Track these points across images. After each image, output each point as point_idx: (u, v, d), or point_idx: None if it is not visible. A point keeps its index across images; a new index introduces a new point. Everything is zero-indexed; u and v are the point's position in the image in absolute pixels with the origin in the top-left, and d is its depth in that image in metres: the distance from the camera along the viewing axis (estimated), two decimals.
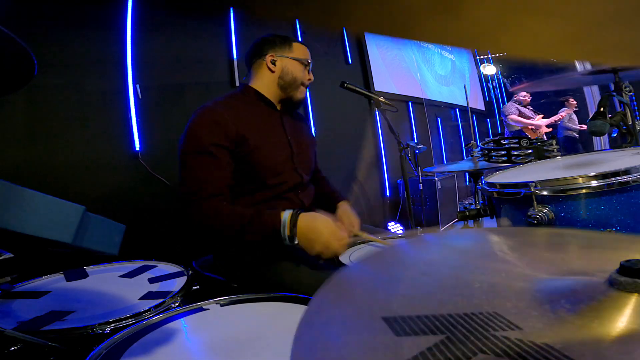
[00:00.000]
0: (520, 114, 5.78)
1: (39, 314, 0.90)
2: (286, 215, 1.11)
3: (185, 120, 1.27)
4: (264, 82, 1.38)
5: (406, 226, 3.62)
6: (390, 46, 4.55)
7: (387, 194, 4.04)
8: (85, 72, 1.80)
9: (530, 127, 5.75)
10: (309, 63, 1.42)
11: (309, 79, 1.44)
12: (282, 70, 1.37)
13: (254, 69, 1.39)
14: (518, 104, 5.86)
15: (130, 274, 1.18)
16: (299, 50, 1.41)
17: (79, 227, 0.53)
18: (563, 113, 6.06)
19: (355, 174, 3.60)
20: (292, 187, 1.36)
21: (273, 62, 1.36)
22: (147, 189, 1.94)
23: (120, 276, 1.17)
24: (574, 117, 6.22)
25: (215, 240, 1.33)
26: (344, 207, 1.50)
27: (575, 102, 6.18)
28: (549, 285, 0.38)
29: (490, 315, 0.33)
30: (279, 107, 1.41)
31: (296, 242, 1.10)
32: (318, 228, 1.09)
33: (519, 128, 5.75)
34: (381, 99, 1.83)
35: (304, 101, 1.48)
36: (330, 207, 1.52)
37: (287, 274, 1.16)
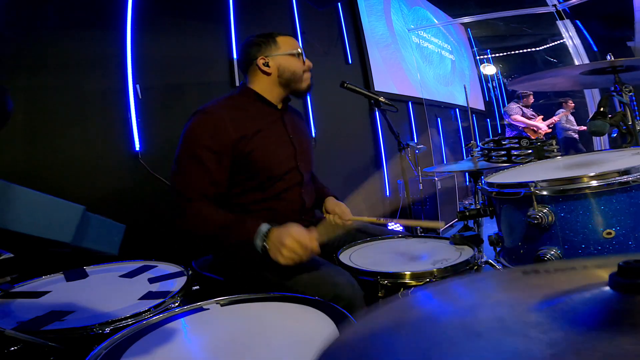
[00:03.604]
0: (523, 115, 5.85)
1: (38, 314, 0.90)
2: (265, 227, 1.13)
3: (185, 120, 1.27)
4: (264, 85, 1.36)
5: (406, 226, 3.61)
6: (390, 46, 4.55)
7: (387, 194, 4.03)
8: (85, 72, 1.80)
9: (532, 127, 5.81)
10: (300, 52, 1.39)
11: (309, 65, 1.41)
12: (278, 69, 1.35)
13: (250, 73, 1.38)
14: (519, 105, 5.91)
15: (130, 274, 1.18)
16: (286, 44, 1.37)
17: (78, 227, 0.53)
18: (560, 114, 6.11)
19: (355, 173, 3.60)
20: (295, 185, 1.37)
21: (266, 64, 1.34)
22: (147, 189, 1.94)
23: (120, 276, 1.18)
24: (571, 117, 6.25)
25: (201, 243, 1.34)
26: (332, 200, 1.52)
27: (572, 104, 6.21)
28: (562, 303, 0.35)
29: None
30: (280, 106, 1.39)
31: (267, 247, 1.11)
32: (284, 235, 1.09)
33: (520, 128, 5.80)
34: (381, 99, 1.83)
35: (310, 88, 1.44)
36: (318, 201, 1.54)
37: (286, 273, 1.16)
